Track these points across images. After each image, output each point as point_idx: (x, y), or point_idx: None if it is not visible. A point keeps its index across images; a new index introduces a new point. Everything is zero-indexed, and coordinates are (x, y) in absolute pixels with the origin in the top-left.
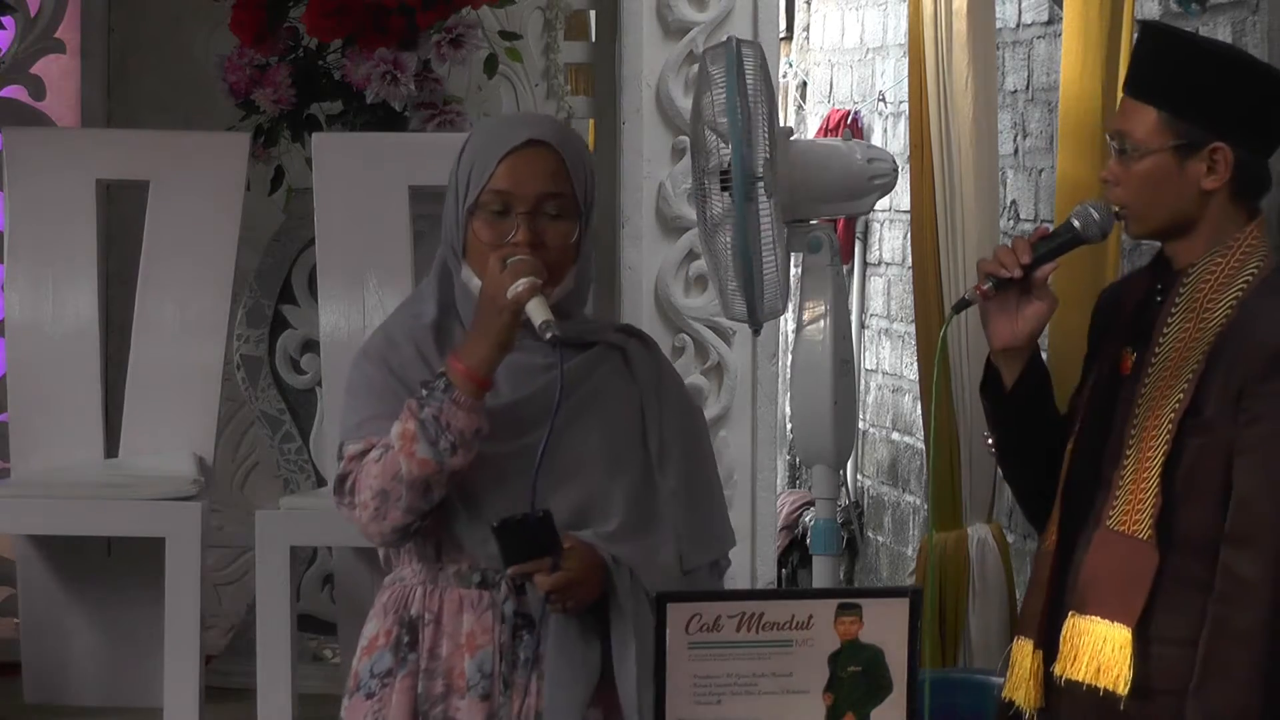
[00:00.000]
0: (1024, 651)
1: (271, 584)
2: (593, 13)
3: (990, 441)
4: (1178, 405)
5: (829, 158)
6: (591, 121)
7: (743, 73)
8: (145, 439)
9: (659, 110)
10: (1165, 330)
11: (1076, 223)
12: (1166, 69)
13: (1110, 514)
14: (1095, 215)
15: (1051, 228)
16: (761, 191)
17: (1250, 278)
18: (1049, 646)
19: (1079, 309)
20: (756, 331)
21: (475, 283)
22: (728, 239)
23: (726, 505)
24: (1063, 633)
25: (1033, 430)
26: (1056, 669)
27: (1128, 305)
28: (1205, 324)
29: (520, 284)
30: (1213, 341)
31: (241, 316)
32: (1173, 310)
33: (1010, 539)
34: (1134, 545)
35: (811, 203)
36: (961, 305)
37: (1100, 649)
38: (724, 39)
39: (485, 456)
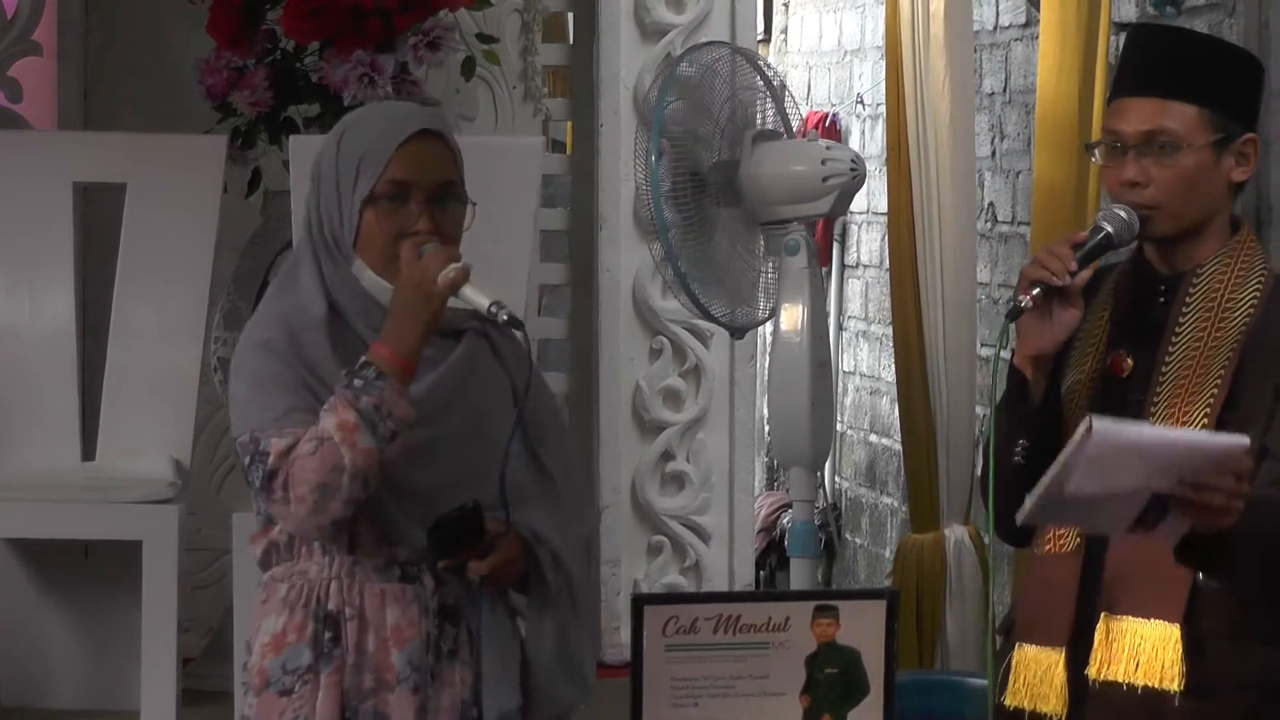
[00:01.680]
0: (1049, 660)
1: (249, 587)
2: (570, 15)
3: (1020, 452)
4: (1212, 400)
5: (786, 159)
6: (569, 123)
7: (657, 125)
8: (122, 442)
9: (636, 112)
10: (1178, 332)
11: (1109, 226)
12: (1200, 65)
13: None
14: (1124, 215)
15: (1084, 233)
16: (709, 196)
17: (1262, 277)
18: (1076, 651)
19: None
20: (736, 336)
21: (369, 275)
22: (705, 239)
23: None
24: (1097, 635)
25: (1058, 442)
26: (1092, 672)
27: (1116, 307)
28: (1226, 322)
29: (451, 269)
30: (1241, 339)
31: (219, 319)
32: (1184, 310)
33: (987, 540)
34: (1167, 543)
35: (770, 205)
36: (1016, 313)
37: (1139, 647)
38: (705, 41)
39: (404, 444)
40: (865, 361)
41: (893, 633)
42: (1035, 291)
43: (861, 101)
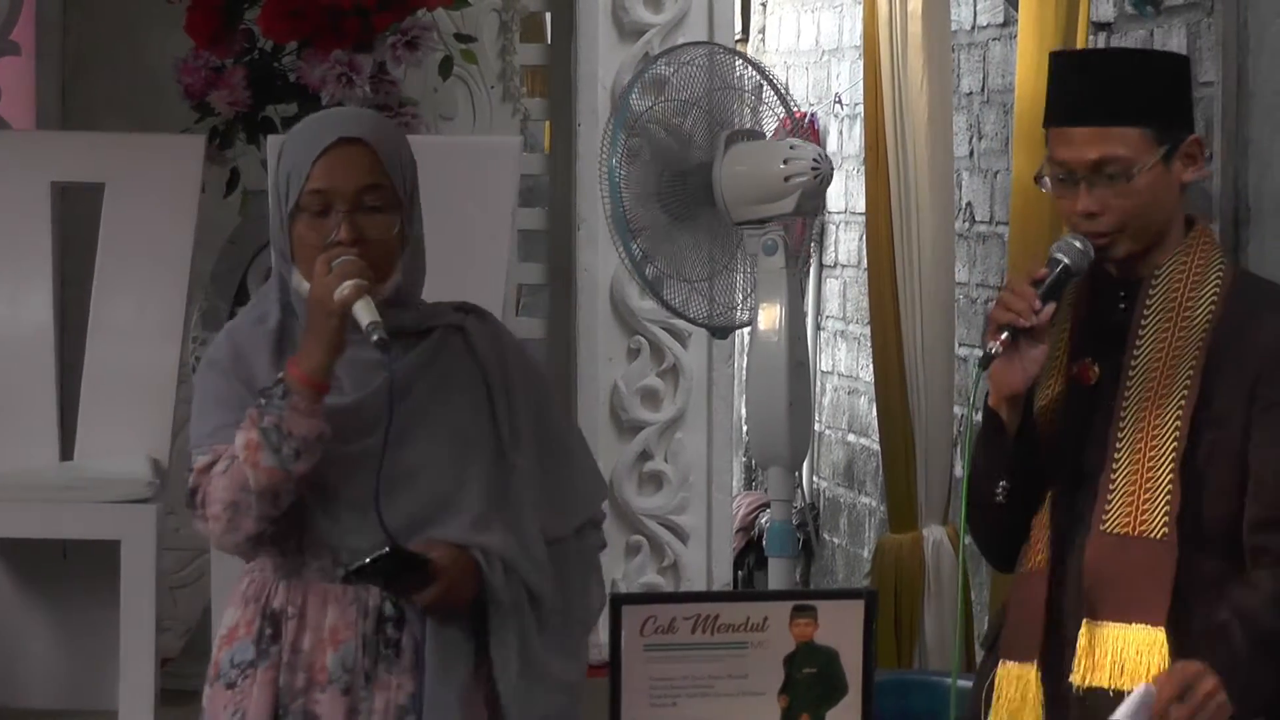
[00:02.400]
0: (1025, 676)
1: (226, 586)
2: (548, 15)
3: (1001, 493)
4: (1184, 401)
5: (752, 160)
6: (548, 123)
7: (621, 127)
8: (101, 441)
9: (615, 112)
10: (1141, 335)
11: (1066, 259)
12: (1133, 86)
13: (1105, 518)
14: (1080, 245)
15: (1043, 269)
16: (688, 196)
17: (1220, 274)
18: (1050, 664)
19: None
20: (719, 336)
21: (305, 286)
22: (682, 239)
23: (594, 461)
24: (1079, 643)
25: (1039, 471)
26: (1075, 679)
27: (1076, 319)
28: (1189, 321)
29: (345, 287)
30: (1206, 337)
31: (197, 319)
32: (1146, 314)
33: (966, 540)
34: (1146, 545)
35: (740, 206)
36: (988, 361)
37: (1123, 653)
38: (681, 43)
39: (334, 456)
40: (843, 361)
41: (871, 633)
42: (1004, 336)
43: (839, 101)
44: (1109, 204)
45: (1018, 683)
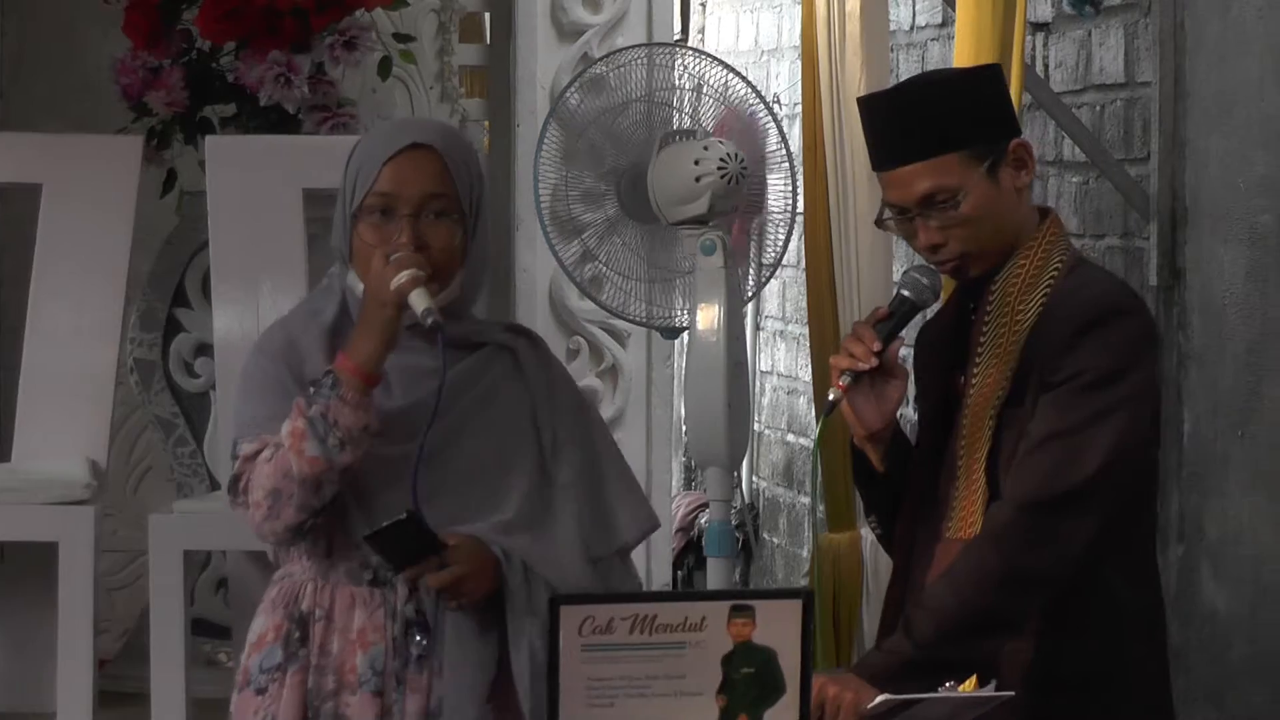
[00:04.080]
0: None
1: (165, 588)
2: (487, 15)
3: (875, 526)
4: (997, 402)
5: (673, 160)
6: (486, 124)
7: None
8: (38, 443)
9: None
10: (981, 341)
11: (908, 293)
12: (939, 114)
13: (948, 526)
14: (924, 280)
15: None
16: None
17: (1056, 272)
18: None
19: None
20: (669, 336)
21: (360, 286)
22: (623, 240)
23: (640, 491)
24: None
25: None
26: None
27: (946, 334)
28: (1018, 325)
29: (403, 275)
30: (1026, 338)
31: (135, 320)
32: (985, 320)
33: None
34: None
35: (666, 207)
36: (831, 408)
37: None
38: (620, 43)
39: (377, 458)
40: (782, 361)
41: (809, 632)
42: (844, 381)
43: (778, 101)
44: (949, 233)
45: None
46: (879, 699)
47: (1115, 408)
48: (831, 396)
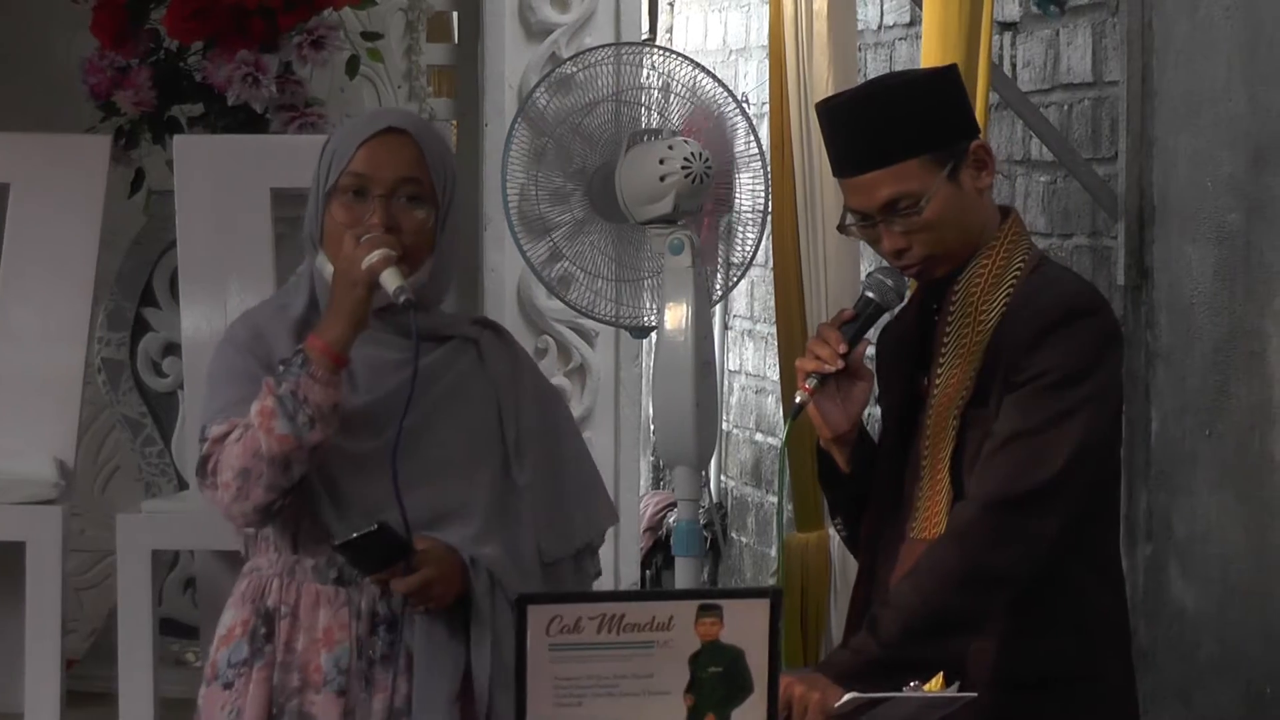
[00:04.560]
0: None
1: (133, 588)
2: (455, 14)
3: (840, 528)
4: (961, 402)
5: (639, 160)
6: (454, 123)
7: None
8: (5, 443)
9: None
10: (945, 341)
11: (873, 295)
12: (896, 121)
13: (912, 526)
14: (889, 281)
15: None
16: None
17: (1019, 272)
18: None
19: None
20: (637, 335)
21: (329, 269)
22: (591, 239)
23: (603, 485)
24: None
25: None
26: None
27: (909, 334)
28: (982, 325)
29: (374, 255)
30: (990, 338)
31: (103, 320)
32: (949, 321)
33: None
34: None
35: (633, 206)
36: (798, 411)
37: None
38: (588, 47)
39: (345, 452)
40: (750, 360)
41: (776, 632)
42: (811, 383)
43: (746, 101)
44: (912, 238)
45: None
46: (845, 698)
47: (1078, 407)
48: (798, 399)
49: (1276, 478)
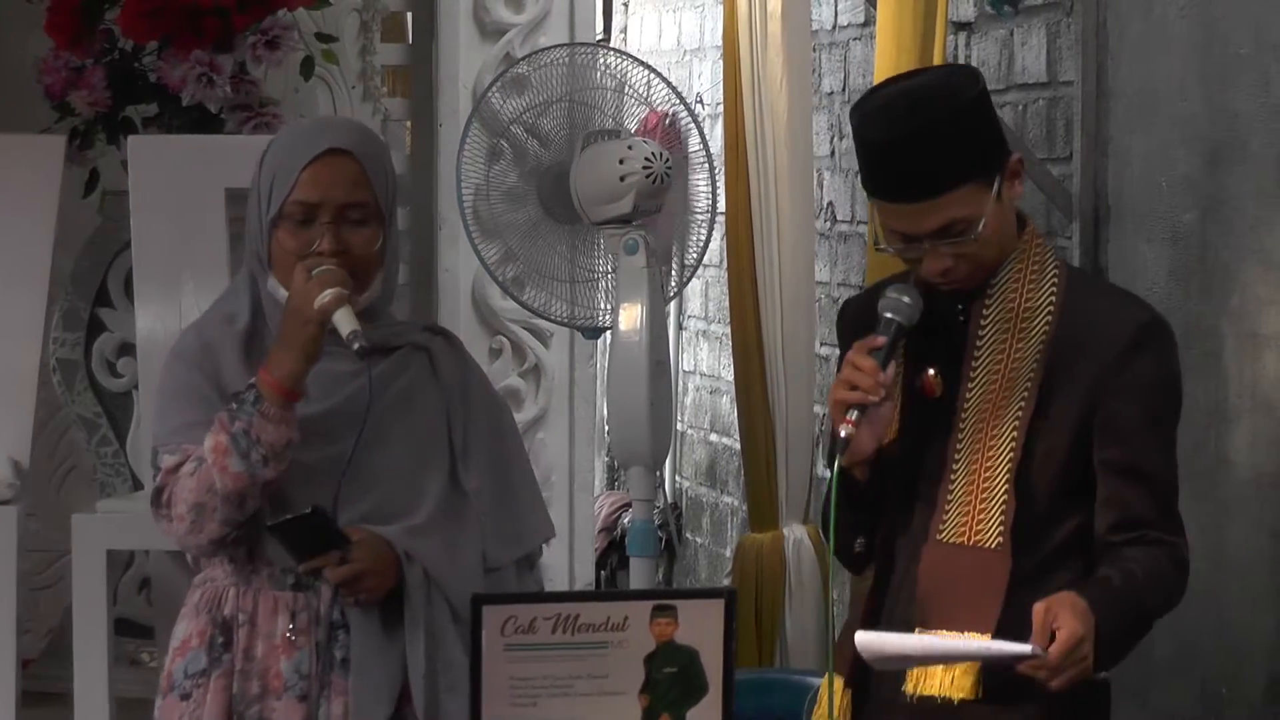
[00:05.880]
0: (838, 686)
1: (88, 588)
2: (409, 15)
3: (859, 547)
4: (1020, 414)
5: (597, 160)
6: (409, 124)
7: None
8: None
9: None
10: (979, 346)
11: (898, 317)
12: (948, 150)
13: (941, 528)
14: (906, 299)
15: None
16: (532, 197)
17: (1055, 279)
18: (860, 674)
19: None
20: (590, 336)
21: (281, 293)
22: (545, 239)
23: (542, 498)
24: None
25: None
26: (908, 687)
27: (913, 331)
28: (1027, 333)
29: (326, 295)
30: (1044, 349)
31: (57, 320)
32: (983, 326)
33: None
34: (980, 555)
35: (589, 206)
36: (843, 447)
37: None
38: (542, 47)
39: (295, 464)
40: (705, 361)
41: (731, 632)
42: (853, 416)
43: (701, 101)
44: (960, 258)
45: (833, 693)
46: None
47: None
48: (843, 433)
49: (1232, 478)
